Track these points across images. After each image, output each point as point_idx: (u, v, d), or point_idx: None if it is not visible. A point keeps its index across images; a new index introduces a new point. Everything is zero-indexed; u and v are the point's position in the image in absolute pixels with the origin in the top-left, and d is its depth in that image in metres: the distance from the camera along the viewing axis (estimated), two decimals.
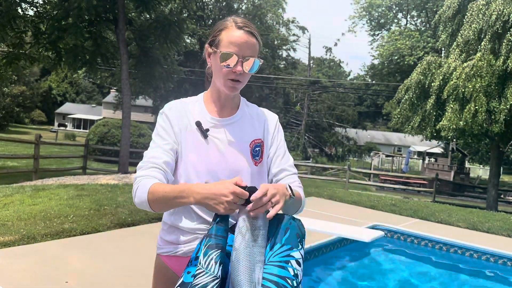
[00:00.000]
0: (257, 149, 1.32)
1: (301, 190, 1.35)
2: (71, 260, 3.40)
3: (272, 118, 1.43)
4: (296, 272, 1.05)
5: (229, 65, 1.23)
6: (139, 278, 3.19)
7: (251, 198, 1.05)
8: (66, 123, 53.31)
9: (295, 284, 1.03)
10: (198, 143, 1.29)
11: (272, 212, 1.08)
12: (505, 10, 11.09)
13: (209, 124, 1.31)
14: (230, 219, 1.15)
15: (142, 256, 3.71)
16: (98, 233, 4.26)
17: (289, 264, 1.04)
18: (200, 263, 1.01)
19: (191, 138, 1.29)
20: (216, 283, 0.98)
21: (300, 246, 1.10)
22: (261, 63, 1.29)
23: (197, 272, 1.00)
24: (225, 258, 1.04)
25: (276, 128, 1.41)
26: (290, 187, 1.21)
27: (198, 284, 0.98)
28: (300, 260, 1.08)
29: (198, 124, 1.30)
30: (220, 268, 1.00)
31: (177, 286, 1.06)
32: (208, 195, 1.07)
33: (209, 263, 1.00)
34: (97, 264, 3.39)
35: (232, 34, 1.24)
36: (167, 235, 1.34)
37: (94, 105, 58.66)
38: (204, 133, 1.29)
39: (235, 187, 1.05)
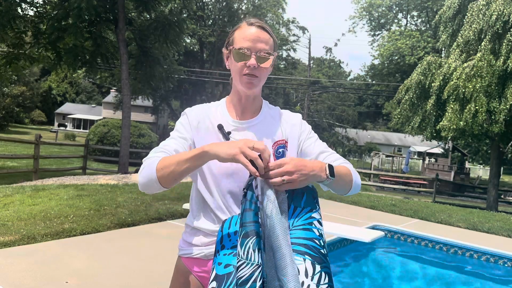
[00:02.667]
0: (280, 150, 1.29)
1: (350, 167, 1.32)
2: (71, 260, 3.40)
3: (295, 119, 1.42)
4: (320, 232, 1.09)
5: (242, 59, 1.25)
6: (139, 278, 3.19)
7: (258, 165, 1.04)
8: (66, 123, 53.31)
9: (322, 243, 1.08)
10: (221, 141, 1.30)
11: (281, 187, 1.06)
12: (505, 10, 11.09)
13: (231, 127, 1.31)
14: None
15: (142, 256, 3.71)
16: (98, 233, 4.26)
17: (313, 225, 1.08)
18: (239, 255, 1.01)
19: (212, 140, 1.29)
20: (260, 271, 0.98)
21: (317, 207, 1.14)
22: (274, 56, 1.29)
23: (239, 264, 1.00)
24: (261, 243, 1.03)
25: (301, 127, 1.40)
26: (330, 167, 1.16)
27: (243, 276, 0.98)
28: (321, 220, 1.12)
29: (220, 127, 1.30)
30: (260, 255, 1.00)
31: (212, 280, 1.07)
32: (231, 148, 1.04)
33: (248, 253, 1.00)
34: (97, 264, 3.39)
35: (244, 31, 1.27)
36: (189, 237, 1.33)
37: (94, 105, 58.67)
38: (226, 135, 1.29)
39: (246, 148, 1.02)
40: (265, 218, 1.03)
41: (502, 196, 16.76)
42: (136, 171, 12.32)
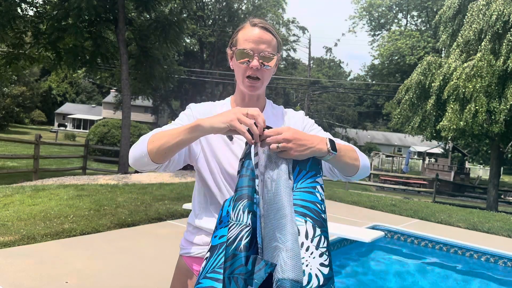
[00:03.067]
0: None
1: (357, 151, 1.28)
2: (71, 260, 3.39)
3: (298, 115, 1.43)
4: (322, 197, 1.08)
5: (245, 61, 1.25)
6: (139, 278, 3.19)
7: (258, 133, 1.03)
8: (66, 123, 53.32)
9: (323, 208, 1.07)
10: (222, 141, 1.30)
11: (280, 154, 1.04)
12: (505, 10, 11.09)
13: None
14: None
15: (142, 256, 3.71)
16: (98, 233, 4.26)
17: (316, 189, 1.07)
18: (231, 218, 1.01)
19: (215, 137, 1.30)
20: (247, 231, 0.98)
21: (321, 172, 1.12)
22: (277, 57, 1.30)
23: (229, 226, 1.01)
24: (253, 207, 1.02)
25: (304, 121, 1.41)
26: (331, 141, 1.12)
27: (231, 237, 0.98)
28: (323, 186, 1.10)
29: None
30: (249, 216, 1.00)
31: (207, 252, 1.08)
32: (225, 116, 1.04)
33: (238, 214, 1.00)
34: (97, 264, 3.39)
35: (247, 32, 1.27)
36: (191, 236, 1.33)
37: (94, 105, 58.68)
38: (230, 135, 1.29)
39: (241, 115, 1.02)
40: (270, 182, 1.02)
41: (502, 196, 16.75)
42: (136, 172, 12.32)
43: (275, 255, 0.96)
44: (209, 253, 1.07)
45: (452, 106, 11.53)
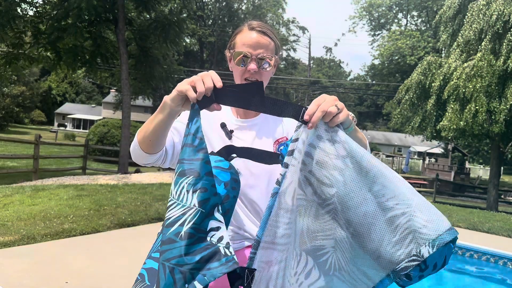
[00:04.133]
0: (281, 147, 1.30)
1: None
2: (71, 260, 3.39)
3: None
4: None
5: (243, 64, 1.27)
6: None
7: (305, 117, 0.90)
8: (66, 123, 53.30)
9: None
10: (221, 139, 1.32)
11: (334, 120, 0.89)
12: (505, 10, 11.09)
13: (233, 126, 1.34)
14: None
15: (142, 256, 3.70)
16: (98, 233, 4.25)
17: None
18: (171, 194, 0.87)
19: (216, 137, 1.32)
20: (192, 215, 0.82)
21: None
22: (275, 61, 1.31)
23: (169, 204, 0.86)
24: (201, 183, 0.85)
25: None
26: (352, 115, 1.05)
27: (170, 217, 0.83)
28: None
29: (223, 125, 1.33)
30: (195, 196, 0.83)
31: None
32: (180, 84, 0.97)
33: (180, 192, 0.85)
34: (97, 264, 3.38)
35: (245, 35, 1.29)
36: None
37: (94, 105, 58.65)
38: (229, 134, 1.31)
39: (188, 79, 0.94)
40: (340, 160, 0.86)
41: (502, 196, 16.75)
42: (136, 171, 12.32)
43: (407, 226, 0.79)
44: (161, 228, 0.90)
45: (452, 106, 11.53)
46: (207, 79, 0.91)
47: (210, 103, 0.94)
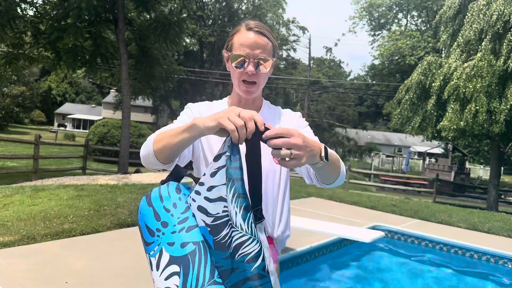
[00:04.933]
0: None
1: (341, 161, 1.26)
2: (71, 260, 3.39)
3: (294, 116, 1.43)
4: None
5: (240, 66, 1.26)
6: (139, 279, 3.18)
7: (263, 136, 0.93)
8: (66, 123, 53.31)
9: None
10: (219, 142, 1.28)
11: (286, 164, 0.95)
12: (505, 10, 11.09)
13: None
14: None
15: (142, 256, 3.70)
16: (97, 233, 4.25)
17: None
18: (240, 227, 0.91)
19: (213, 137, 1.30)
20: (265, 247, 0.92)
21: None
22: (273, 62, 1.30)
23: (243, 239, 0.91)
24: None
25: (298, 122, 1.41)
26: (326, 148, 1.07)
27: (248, 253, 0.90)
28: None
29: None
30: (257, 230, 0.93)
31: (168, 265, 0.95)
32: (216, 114, 0.97)
33: (251, 227, 0.91)
34: (97, 264, 3.38)
35: (242, 36, 1.27)
36: None
37: (93, 105, 58.66)
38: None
39: (232, 114, 0.94)
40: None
41: (503, 196, 16.75)
42: (136, 172, 12.31)
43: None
44: (175, 266, 0.94)
45: (453, 106, 11.53)
46: (251, 124, 0.92)
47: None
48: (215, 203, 0.96)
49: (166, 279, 0.95)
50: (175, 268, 0.94)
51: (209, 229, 0.96)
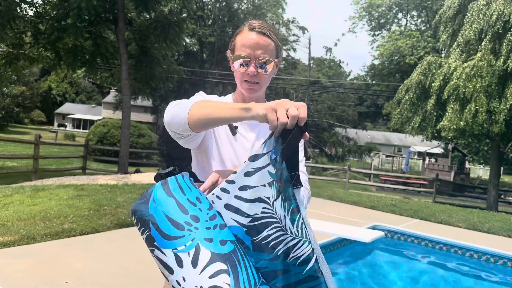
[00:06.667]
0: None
1: (307, 188, 1.28)
2: (71, 260, 3.39)
3: None
4: None
5: (242, 67, 1.26)
6: (139, 279, 3.18)
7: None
8: (66, 123, 53.27)
9: None
10: (228, 136, 1.32)
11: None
12: (505, 10, 11.08)
13: (237, 123, 1.32)
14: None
15: (142, 256, 3.70)
16: (97, 233, 4.25)
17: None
18: (290, 231, 0.91)
19: (222, 129, 1.31)
20: (316, 248, 0.93)
21: None
22: (275, 62, 1.29)
23: (294, 243, 0.90)
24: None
25: None
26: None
27: (300, 256, 0.90)
28: None
29: None
30: (308, 231, 0.92)
31: (211, 262, 0.90)
32: (267, 104, 0.93)
33: (301, 230, 0.91)
34: (97, 264, 3.38)
35: (244, 36, 1.27)
36: None
37: (93, 105, 58.62)
38: (233, 129, 1.31)
39: (281, 108, 0.91)
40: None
41: (502, 196, 16.75)
42: (136, 172, 12.31)
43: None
44: (220, 263, 0.90)
45: (452, 106, 11.52)
46: (291, 122, 0.90)
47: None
48: (253, 203, 0.94)
49: (211, 277, 0.89)
50: (221, 266, 0.90)
51: (245, 229, 0.94)
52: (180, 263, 0.92)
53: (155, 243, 0.96)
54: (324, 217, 5.99)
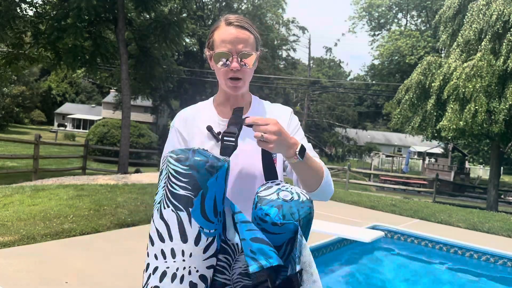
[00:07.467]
0: None
1: (325, 170, 1.25)
2: (71, 260, 3.39)
3: (285, 112, 1.38)
4: None
5: (224, 63, 1.22)
6: (139, 279, 3.18)
7: (246, 121, 1.10)
8: (66, 123, 53.27)
9: None
10: (211, 146, 1.26)
11: (259, 144, 1.08)
12: (505, 10, 11.08)
13: (220, 127, 1.28)
14: None
15: (142, 256, 3.70)
16: (97, 233, 4.25)
17: None
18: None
19: (204, 142, 1.28)
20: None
21: None
22: (257, 55, 1.26)
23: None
24: None
25: (289, 120, 1.37)
26: (303, 147, 1.13)
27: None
28: None
29: (209, 128, 1.27)
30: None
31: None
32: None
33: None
34: (97, 264, 3.38)
35: (223, 32, 1.23)
36: None
37: (93, 105, 58.61)
38: (216, 137, 1.25)
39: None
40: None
41: (502, 196, 16.76)
42: (136, 171, 12.32)
43: None
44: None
45: (452, 106, 11.53)
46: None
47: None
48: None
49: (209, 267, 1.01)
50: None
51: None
52: (189, 239, 0.97)
53: (189, 209, 0.96)
54: (324, 217, 5.99)
